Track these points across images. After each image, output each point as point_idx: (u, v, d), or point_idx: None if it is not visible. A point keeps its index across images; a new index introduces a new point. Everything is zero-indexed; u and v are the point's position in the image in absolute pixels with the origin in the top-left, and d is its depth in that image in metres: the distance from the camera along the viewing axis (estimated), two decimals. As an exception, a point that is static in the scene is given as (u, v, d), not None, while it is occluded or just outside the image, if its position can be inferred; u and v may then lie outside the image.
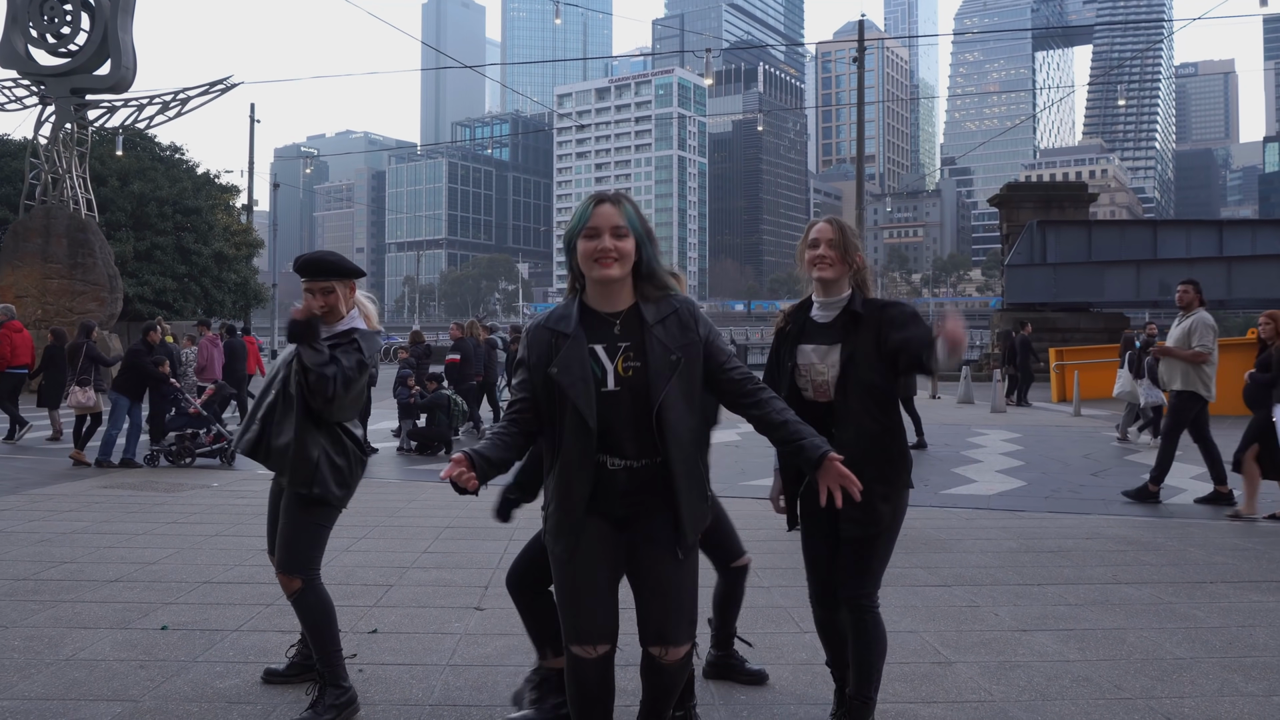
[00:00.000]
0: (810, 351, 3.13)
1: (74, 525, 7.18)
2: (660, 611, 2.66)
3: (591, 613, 2.65)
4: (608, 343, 2.64)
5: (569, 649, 2.69)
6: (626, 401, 2.60)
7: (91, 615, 4.75)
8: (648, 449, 2.62)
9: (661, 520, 2.66)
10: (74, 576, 5.57)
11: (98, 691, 3.71)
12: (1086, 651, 4.28)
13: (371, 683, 3.82)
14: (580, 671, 2.68)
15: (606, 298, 2.68)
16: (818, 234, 3.15)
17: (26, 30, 26.30)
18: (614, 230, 2.61)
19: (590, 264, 2.62)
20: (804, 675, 3.94)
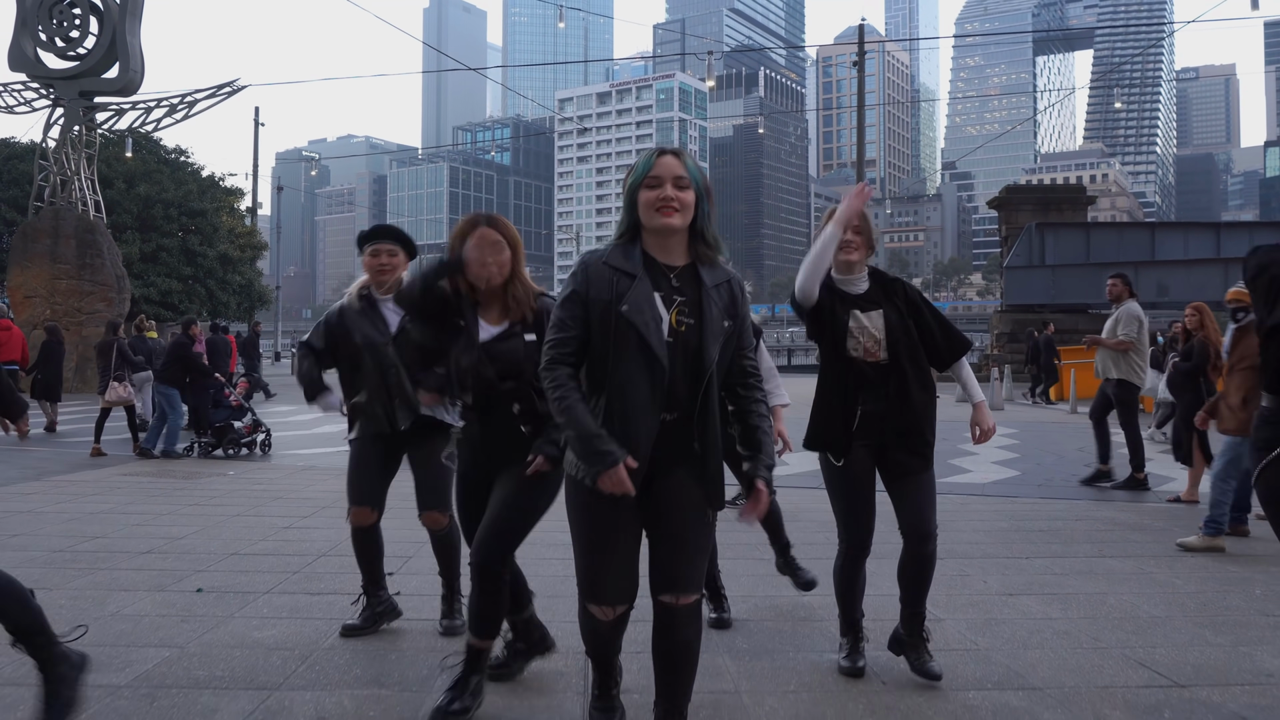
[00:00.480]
0: (860, 315, 3.45)
1: (100, 507, 7.45)
2: (672, 561, 2.67)
3: (615, 573, 2.67)
4: (664, 293, 2.63)
5: (584, 605, 2.73)
6: (676, 354, 2.60)
7: (129, 580, 5.02)
8: (680, 403, 2.62)
9: (684, 474, 2.67)
10: (107, 549, 5.84)
11: (145, 640, 3.98)
12: (1068, 611, 4.55)
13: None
14: (595, 626, 2.76)
15: (664, 249, 2.68)
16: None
17: (36, 34, 26.61)
18: (676, 181, 2.62)
19: (652, 213, 2.62)
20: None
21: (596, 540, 2.67)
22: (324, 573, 5.21)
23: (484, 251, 3.19)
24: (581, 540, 2.71)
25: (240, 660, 3.72)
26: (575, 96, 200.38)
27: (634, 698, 3.20)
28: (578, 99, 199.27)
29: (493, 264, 3.20)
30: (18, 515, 7.07)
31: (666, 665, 2.75)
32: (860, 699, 3.36)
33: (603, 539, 2.66)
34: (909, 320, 3.50)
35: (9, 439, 12.54)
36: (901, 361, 3.45)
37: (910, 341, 3.48)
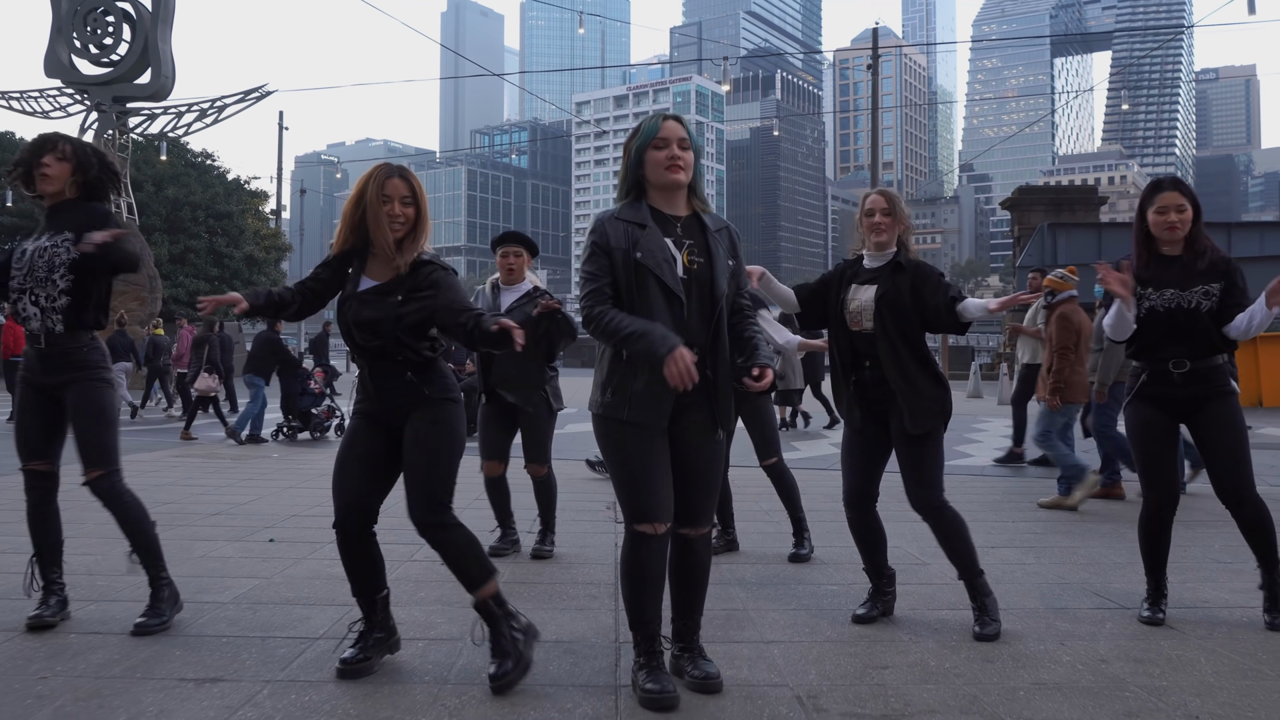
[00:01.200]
0: (855, 288, 3.90)
1: (161, 480, 8.10)
2: (692, 496, 3.02)
3: (659, 492, 2.93)
4: (673, 237, 3.00)
5: (633, 529, 2.94)
6: (692, 291, 2.96)
7: (207, 534, 5.66)
8: (696, 338, 2.95)
9: (698, 414, 2.99)
10: (180, 511, 6.48)
11: (235, 573, 4.61)
12: (1041, 559, 5.13)
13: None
14: (643, 549, 2.93)
15: (669, 202, 3.05)
16: (872, 204, 3.92)
17: (70, 41, 27.45)
18: (680, 142, 2.99)
19: (661, 171, 2.98)
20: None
21: (638, 467, 2.93)
22: (380, 529, 5.81)
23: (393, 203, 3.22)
24: (624, 470, 2.95)
25: (320, 587, 4.34)
26: (592, 100, 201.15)
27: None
28: (595, 102, 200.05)
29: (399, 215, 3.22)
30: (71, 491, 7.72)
31: (684, 584, 3.10)
32: (845, 609, 3.94)
33: (644, 464, 2.92)
34: (907, 295, 3.77)
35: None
36: (888, 332, 3.74)
37: (899, 314, 3.75)
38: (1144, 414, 3.94)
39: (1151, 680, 3.15)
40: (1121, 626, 3.82)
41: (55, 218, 3.75)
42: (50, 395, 3.73)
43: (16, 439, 3.77)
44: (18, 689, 2.98)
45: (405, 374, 3.20)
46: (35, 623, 3.63)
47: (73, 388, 3.69)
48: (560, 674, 3.19)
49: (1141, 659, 3.38)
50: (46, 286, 3.63)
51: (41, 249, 3.67)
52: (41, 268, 3.64)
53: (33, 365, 3.73)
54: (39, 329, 3.66)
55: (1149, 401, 3.94)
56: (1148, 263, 3.95)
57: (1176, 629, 3.79)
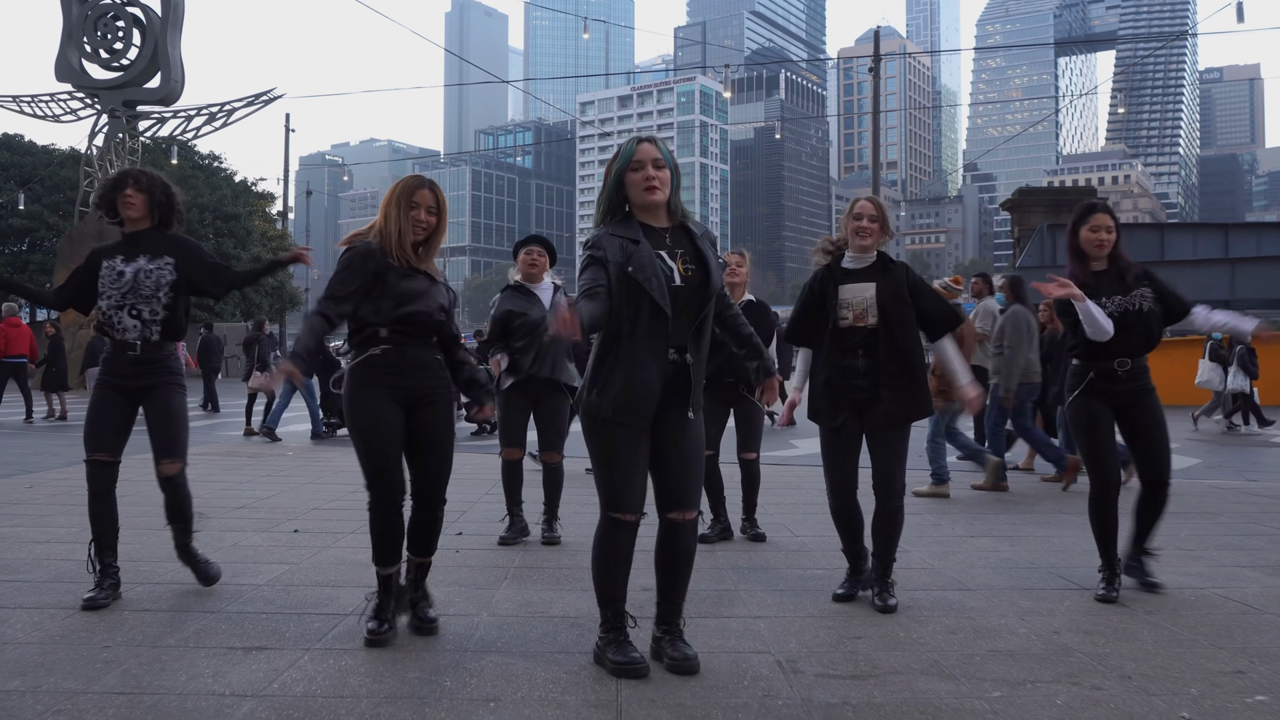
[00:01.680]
0: (849, 288, 4.15)
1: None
2: (680, 483, 3.26)
3: (635, 486, 3.21)
4: (666, 249, 3.24)
5: (609, 515, 3.22)
6: (689, 296, 3.21)
7: (235, 525, 6.04)
8: (683, 341, 3.21)
9: (678, 411, 3.24)
10: (205, 506, 6.80)
11: (264, 560, 5.00)
12: (1015, 547, 5.50)
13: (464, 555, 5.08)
14: (617, 534, 3.23)
15: (654, 217, 3.30)
16: (861, 209, 4.21)
17: (81, 45, 27.85)
18: (654, 162, 3.24)
19: (640, 192, 3.23)
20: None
21: (617, 461, 3.20)
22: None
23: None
24: (604, 463, 3.23)
25: (346, 571, 4.71)
26: (596, 100, 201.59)
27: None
28: (599, 102, 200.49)
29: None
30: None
31: (670, 570, 3.32)
32: (827, 589, 4.30)
33: (623, 459, 3.20)
34: (905, 292, 4.07)
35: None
36: (891, 326, 4.01)
37: (902, 309, 4.04)
38: (1092, 408, 4.36)
39: (1096, 648, 3.52)
40: (1078, 604, 4.19)
41: (142, 242, 4.22)
42: (132, 397, 4.19)
43: (87, 432, 4.19)
44: (85, 656, 3.36)
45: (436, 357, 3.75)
46: (90, 604, 4.01)
47: (159, 390, 4.20)
48: (568, 643, 3.56)
49: (1090, 631, 3.74)
50: (151, 303, 4.14)
51: (147, 271, 4.14)
52: (147, 287, 4.13)
53: (122, 370, 4.17)
54: (136, 339, 4.16)
55: (1096, 396, 4.36)
56: (1086, 277, 4.40)
57: (1128, 606, 4.15)
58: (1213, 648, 3.53)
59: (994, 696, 3.01)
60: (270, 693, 3.00)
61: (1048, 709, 2.91)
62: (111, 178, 4.29)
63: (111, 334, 4.19)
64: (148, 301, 4.14)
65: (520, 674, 3.20)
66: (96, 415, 4.20)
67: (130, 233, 4.25)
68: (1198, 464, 10.12)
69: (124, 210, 4.22)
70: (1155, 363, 4.56)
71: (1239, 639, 3.65)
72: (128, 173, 4.28)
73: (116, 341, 4.19)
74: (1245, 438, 13.88)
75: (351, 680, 3.13)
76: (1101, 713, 2.88)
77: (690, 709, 2.89)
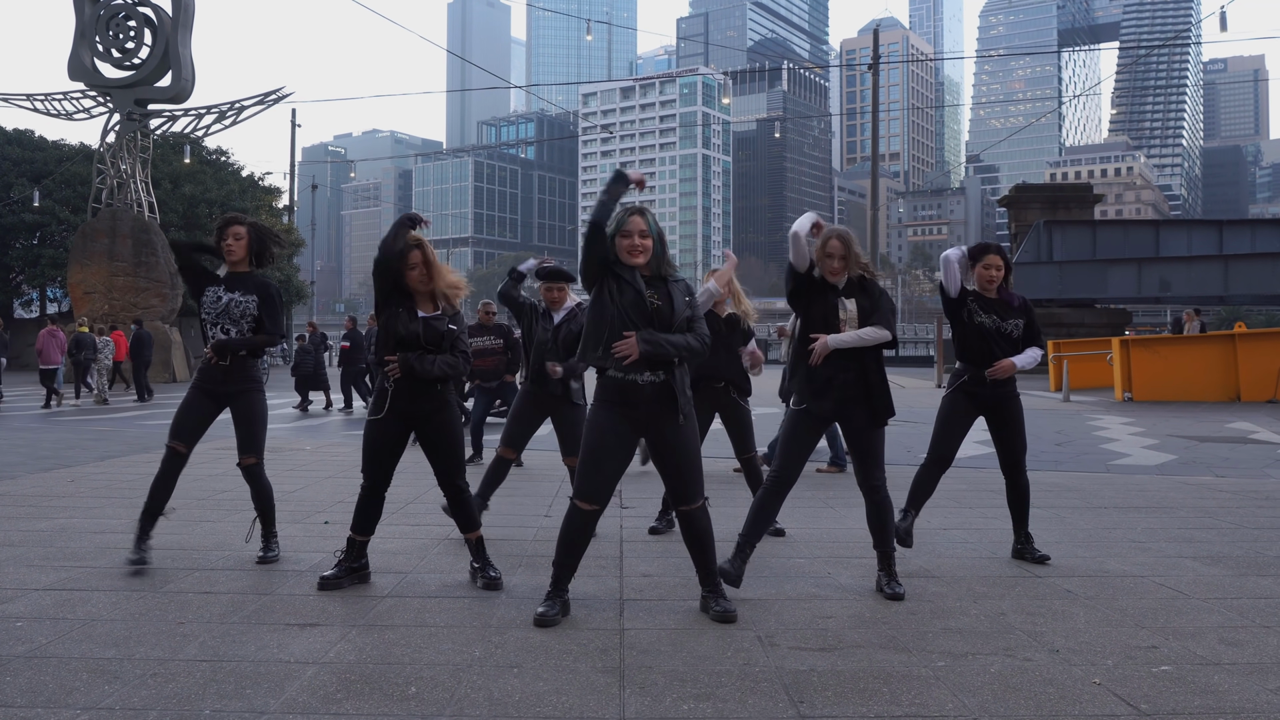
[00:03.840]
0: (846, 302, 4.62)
1: (213, 471, 9.03)
2: (685, 477, 4.08)
3: (606, 483, 4.03)
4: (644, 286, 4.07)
5: (575, 502, 4.03)
6: (655, 323, 3.98)
7: (270, 517, 6.59)
8: (665, 364, 4.01)
9: (672, 413, 4.03)
10: (238, 498, 7.40)
11: (302, 549, 5.56)
12: (983, 538, 6.04)
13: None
14: (579, 519, 4.03)
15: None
16: (832, 249, 4.66)
17: (94, 45, 28.34)
18: (640, 233, 4.04)
19: (626, 255, 4.03)
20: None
21: (599, 455, 4.02)
22: (417, 512, 6.77)
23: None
24: (588, 452, 4.04)
25: (376, 559, 5.26)
26: (599, 91, 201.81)
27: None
28: (601, 94, 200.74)
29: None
30: (150, 476, 8.65)
31: (695, 548, 4.19)
32: (808, 576, 4.85)
33: (603, 455, 4.02)
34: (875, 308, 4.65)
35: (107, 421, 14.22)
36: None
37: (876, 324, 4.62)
38: (959, 403, 5.31)
39: (1034, 627, 4.07)
40: (1029, 589, 4.74)
41: (237, 280, 5.19)
42: (218, 400, 5.09)
43: (175, 424, 5.09)
44: (165, 630, 3.92)
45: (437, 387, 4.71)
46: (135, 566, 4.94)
47: (244, 396, 5.17)
48: (578, 620, 4.11)
49: (1033, 612, 4.29)
50: (239, 325, 5.13)
51: (237, 301, 5.15)
52: (236, 313, 5.13)
53: (215, 377, 5.12)
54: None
55: (964, 394, 5.29)
56: (977, 296, 5.28)
57: (1073, 592, 4.69)
58: (1136, 627, 4.08)
59: (938, 665, 3.56)
60: (328, 660, 3.56)
61: (982, 675, 3.46)
62: (221, 220, 5.28)
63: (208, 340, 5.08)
64: (235, 323, 5.12)
65: (538, 645, 3.75)
66: (187, 410, 5.11)
67: (231, 274, 5.21)
68: (1172, 460, 10.65)
69: (227, 255, 5.18)
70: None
71: (1161, 620, 4.20)
72: (231, 218, 5.26)
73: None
74: (1229, 435, 14.40)
75: (395, 650, 3.68)
76: (1026, 679, 3.43)
77: (681, 674, 3.45)
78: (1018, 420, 5.40)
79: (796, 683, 3.38)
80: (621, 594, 4.59)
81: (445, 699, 3.19)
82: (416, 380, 4.58)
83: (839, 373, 4.55)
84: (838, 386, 4.56)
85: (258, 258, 5.30)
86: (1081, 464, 10.15)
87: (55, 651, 3.64)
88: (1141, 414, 16.03)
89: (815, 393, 4.59)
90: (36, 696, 3.18)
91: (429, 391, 4.63)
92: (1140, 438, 12.78)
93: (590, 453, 4.05)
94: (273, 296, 5.26)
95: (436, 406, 4.64)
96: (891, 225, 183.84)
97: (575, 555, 4.15)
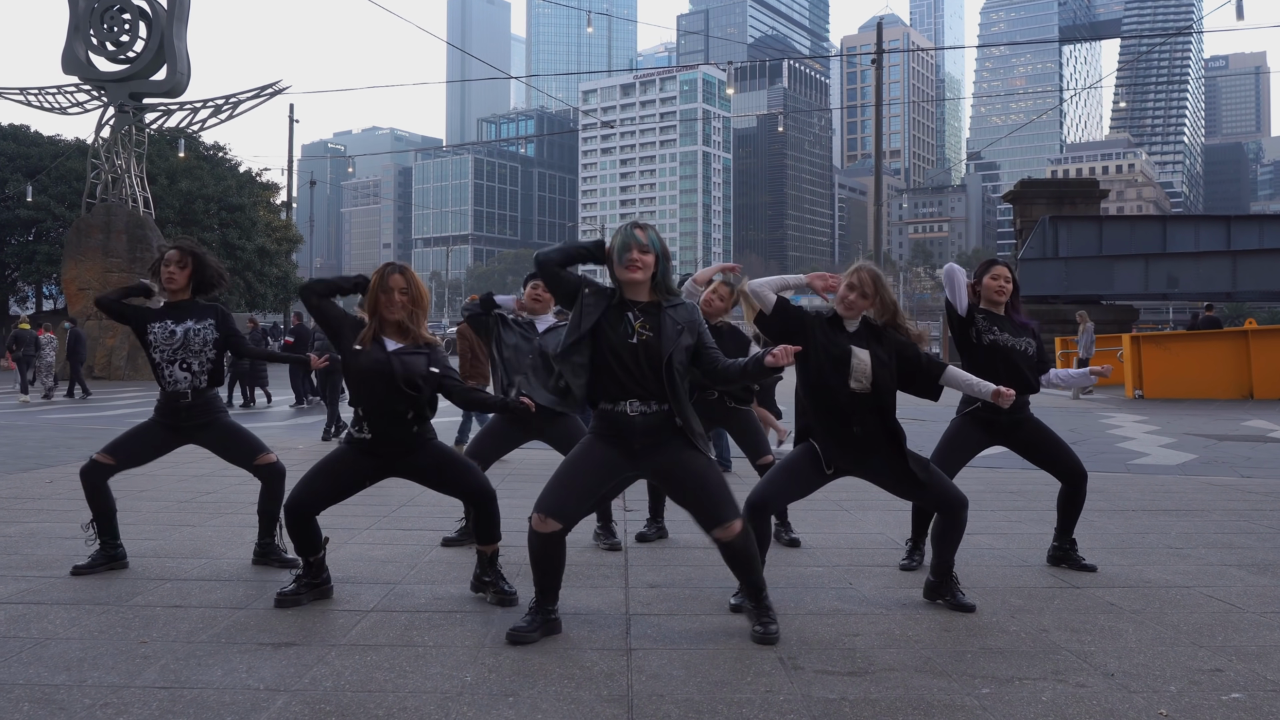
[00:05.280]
0: (859, 351, 4.09)
1: (199, 471, 8.66)
2: (706, 503, 3.69)
3: (567, 499, 3.65)
4: (632, 314, 3.74)
5: (533, 518, 3.65)
6: (643, 355, 3.67)
7: (253, 522, 6.18)
8: (658, 395, 3.68)
9: (676, 443, 3.72)
10: (224, 500, 7.06)
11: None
12: (1010, 544, 5.68)
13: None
14: (534, 537, 3.66)
15: (633, 292, 3.78)
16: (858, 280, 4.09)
17: (88, 38, 27.95)
18: (640, 248, 3.75)
19: (623, 270, 3.74)
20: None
21: (575, 467, 3.72)
22: (408, 516, 6.41)
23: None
24: (564, 463, 3.76)
25: (364, 567, 4.91)
26: (599, 88, 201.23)
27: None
28: (601, 90, 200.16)
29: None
30: (135, 477, 8.26)
31: (736, 570, 3.83)
32: (828, 587, 4.49)
33: (580, 470, 3.71)
34: (892, 360, 4.08)
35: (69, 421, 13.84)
36: (882, 394, 4.04)
37: (889, 377, 4.06)
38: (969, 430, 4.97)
39: (1082, 646, 3.70)
40: (1068, 602, 4.37)
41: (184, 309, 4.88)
42: (181, 434, 4.90)
43: (116, 441, 4.81)
44: (125, 650, 3.55)
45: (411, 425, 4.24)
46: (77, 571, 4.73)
47: (211, 426, 4.91)
48: (580, 639, 3.74)
49: (1078, 629, 3.93)
50: (199, 357, 4.83)
51: (195, 330, 4.82)
52: (197, 344, 4.82)
53: (177, 412, 4.83)
54: (187, 388, 4.81)
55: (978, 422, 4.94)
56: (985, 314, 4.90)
57: (1116, 605, 4.33)
58: (1194, 646, 3.72)
59: (983, 693, 3.19)
60: (301, 687, 3.19)
61: (1033, 705, 3.09)
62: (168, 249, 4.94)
63: (169, 384, 4.77)
64: (196, 355, 4.82)
65: (536, 670, 3.38)
66: (133, 435, 4.84)
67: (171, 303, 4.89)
68: (1193, 459, 10.28)
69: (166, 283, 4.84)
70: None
71: (1220, 637, 3.83)
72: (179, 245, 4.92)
73: (174, 391, 4.78)
74: (1247, 434, 14.04)
75: (377, 675, 3.31)
76: (1084, 709, 3.06)
77: (697, 704, 3.08)
78: (1050, 436, 5.02)
79: (827, 713, 3.01)
80: (628, 608, 4.23)
81: (431, 734, 2.83)
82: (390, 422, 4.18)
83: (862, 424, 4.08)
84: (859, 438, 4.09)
85: (198, 287, 4.95)
86: (1100, 463, 9.77)
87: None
88: (1154, 412, 15.67)
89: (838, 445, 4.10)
90: (-31, 731, 2.81)
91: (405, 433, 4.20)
92: (1156, 436, 12.42)
93: (567, 464, 3.77)
94: (230, 317, 4.99)
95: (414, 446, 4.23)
96: (892, 223, 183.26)
97: (550, 576, 3.79)
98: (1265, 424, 14.38)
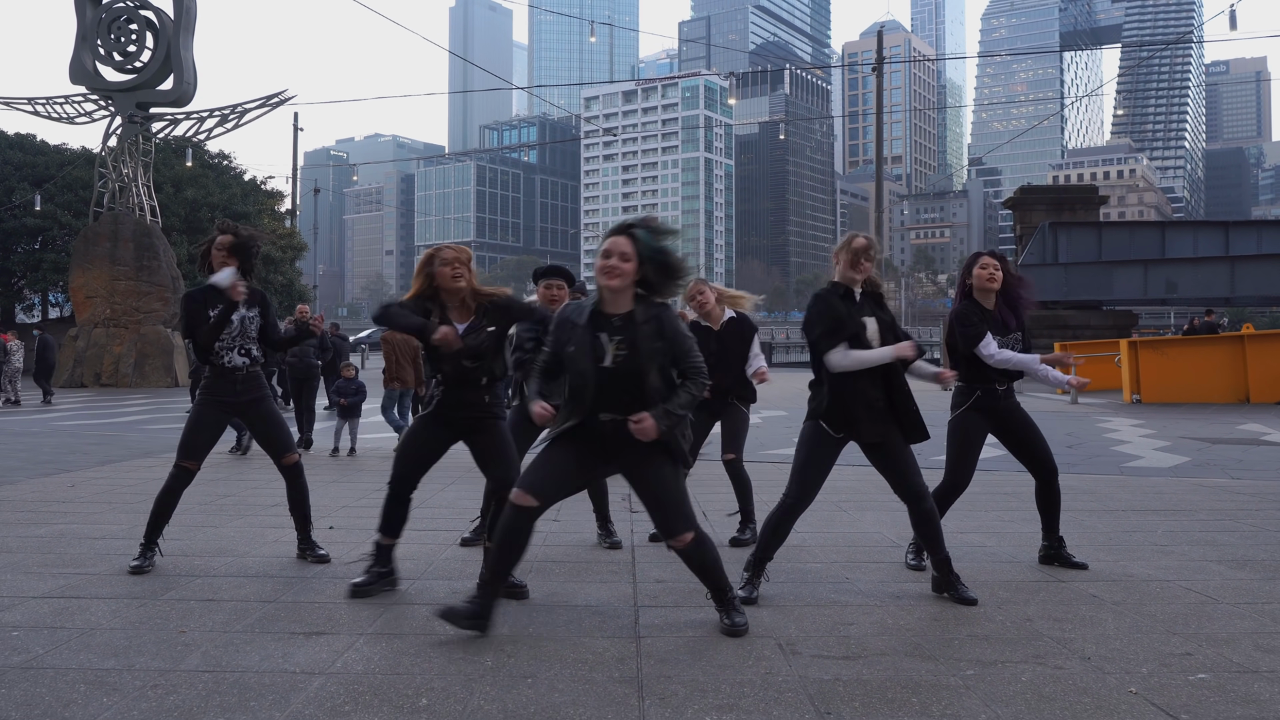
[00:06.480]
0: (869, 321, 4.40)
1: (213, 477, 8.90)
2: (661, 513, 3.80)
3: (542, 479, 3.75)
4: (608, 333, 3.70)
5: (513, 493, 3.77)
6: (618, 376, 3.68)
7: (274, 522, 6.47)
8: (634, 407, 3.67)
9: (646, 449, 3.73)
10: (243, 503, 7.30)
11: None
12: (1002, 543, 5.91)
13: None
14: (509, 512, 3.75)
15: (612, 303, 3.74)
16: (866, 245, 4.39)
17: (95, 48, 28.26)
18: (621, 255, 3.67)
19: (599, 276, 3.70)
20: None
21: (552, 456, 3.82)
22: (422, 518, 6.63)
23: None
24: (544, 451, 3.86)
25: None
26: (601, 95, 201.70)
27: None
28: (603, 97, 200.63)
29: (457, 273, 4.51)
30: (151, 481, 8.54)
31: (699, 576, 3.94)
32: (826, 581, 4.73)
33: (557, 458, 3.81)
34: (891, 322, 4.43)
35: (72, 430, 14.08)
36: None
37: (894, 340, 4.38)
38: (973, 422, 5.08)
39: (1063, 633, 3.94)
40: (1053, 594, 4.61)
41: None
42: (232, 410, 5.21)
43: (186, 443, 5.11)
44: (166, 639, 3.79)
45: (484, 396, 4.53)
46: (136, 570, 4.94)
47: (260, 404, 5.24)
48: (592, 628, 3.98)
49: (1060, 618, 4.16)
50: (254, 343, 5.22)
51: (248, 318, 5.19)
52: (252, 331, 5.20)
53: (229, 390, 5.13)
54: (243, 368, 5.15)
55: (978, 413, 5.05)
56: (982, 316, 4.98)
57: (1099, 597, 4.56)
58: (1168, 633, 3.95)
59: (967, 674, 3.43)
60: (334, 670, 3.44)
61: (1013, 684, 3.33)
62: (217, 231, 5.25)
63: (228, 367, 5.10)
64: (251, 341, 5.20)
65: (552, 655, 3.63)
66: (195, 429, 5.09)
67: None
68: (1186, 462, 10.51)
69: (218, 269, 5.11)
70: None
71: (1193, 626, 4.07)
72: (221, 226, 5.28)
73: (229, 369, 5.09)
74: (1241, 437, 14.26)
75: (404, 660, 3.56)
76: (1060, 688, 3.30)
77: (702, 684, 3.32)
78: (1032, 423, 5.21)
79: (822, 693, 3.25)
80: (636, 600, 4.47)
81: (458, 711, 3.07)
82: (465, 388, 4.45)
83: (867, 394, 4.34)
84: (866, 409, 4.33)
85: (245, 270, 5.24)
86: (1094, 466, 10.02)
87: (52, 662, 3.51)
88: (1151, 416, 15.89)
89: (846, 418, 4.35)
90: (32, 710, 3.06)
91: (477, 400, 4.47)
92: (1151, 439, 12.64)
93: (548, 451, 3.86)
94: (271, 306, 5.37)
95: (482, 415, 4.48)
96: (894, 228, 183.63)
97: (510, 557, 3.84)
98: (1260, 428, 14.59)
